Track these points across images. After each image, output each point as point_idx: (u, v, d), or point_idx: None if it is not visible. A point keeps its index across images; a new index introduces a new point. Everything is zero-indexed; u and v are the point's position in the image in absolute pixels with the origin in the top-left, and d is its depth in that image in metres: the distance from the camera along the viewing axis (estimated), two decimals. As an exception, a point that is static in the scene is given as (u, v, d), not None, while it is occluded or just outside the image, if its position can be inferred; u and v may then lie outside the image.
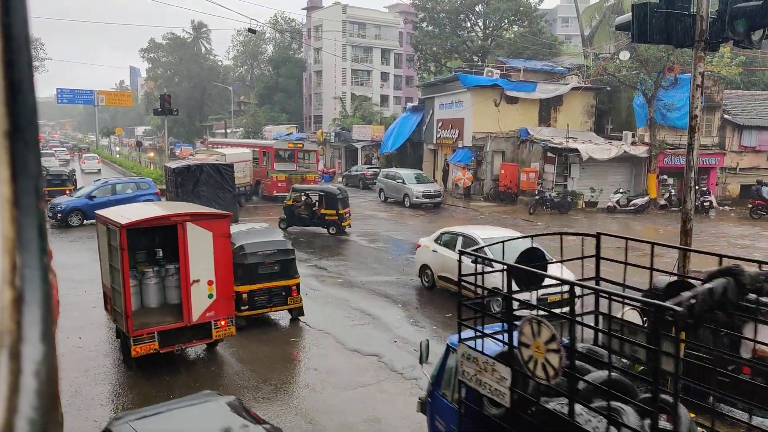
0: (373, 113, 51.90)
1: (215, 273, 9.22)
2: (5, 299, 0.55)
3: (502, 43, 45.10)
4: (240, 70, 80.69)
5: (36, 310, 0.57)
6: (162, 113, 30.44)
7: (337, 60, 64.52)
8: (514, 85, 30.76)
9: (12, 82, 0.56)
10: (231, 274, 9.53)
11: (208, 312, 9.19)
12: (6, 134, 0.56)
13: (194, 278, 9.05)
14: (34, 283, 0.58)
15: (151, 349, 8.79)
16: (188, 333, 9.12)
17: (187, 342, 9.19)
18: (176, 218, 9.19)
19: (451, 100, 33.07)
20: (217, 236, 9.25)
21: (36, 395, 0.55)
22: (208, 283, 9.18)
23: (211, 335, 9.29)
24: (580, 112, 31.89)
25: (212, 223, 9.35)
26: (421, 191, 27.23)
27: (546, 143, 27.51)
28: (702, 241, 18.35)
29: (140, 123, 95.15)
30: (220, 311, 9.29)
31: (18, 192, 0.57)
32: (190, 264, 9.05)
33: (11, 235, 0.56)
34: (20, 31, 0.58)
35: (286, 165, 29.02)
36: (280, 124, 62.11)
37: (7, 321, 0.55)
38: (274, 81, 68.54)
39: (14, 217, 0.56)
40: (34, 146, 0.59)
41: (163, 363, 9.25)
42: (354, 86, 65.30)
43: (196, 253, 9.08)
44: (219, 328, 9.30)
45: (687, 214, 7.61)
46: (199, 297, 9.12)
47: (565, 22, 77.71)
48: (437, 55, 47.67)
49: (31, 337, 0.56)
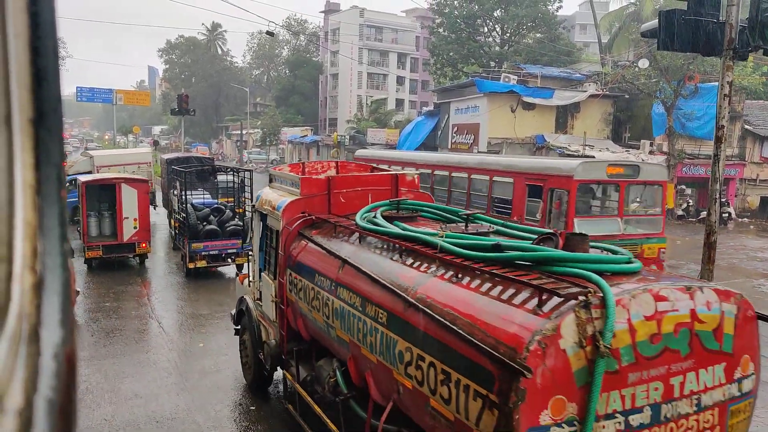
0: (388, 114, 51.89)
1: (138, 214, 15.02)
2: (26, 284, 0.56)
3: (519, 50, 44.89)
4: (256, 72, 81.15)
5: (56, 295, 0.58)
6: (179, 113, 30.66)
7: (354, 63, 64.63)
8: (531, 92, 30.57)
9: (38, 70, 0.56)
10: (149, 215, 15.74)
11: (133, 236, 15.07)
12: (31, 121, 0.56)
13: (125, 216, 14.92)
14: (55, 269, 0.58)
15: (97, 255, 14.89)
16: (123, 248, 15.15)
17: (120, 254, 15.27)
18: (115, 180, 15.48)
19: (467, 105, 32.95)
20: (140, 193, 15.16)
21: (55, 377, 0.56)
22: (133, 220, 15.01)
23: (135, 251, 15.33)
24: (598, 119, 31.62)
25: (137, 185, 15.36)
26: (435, 196, 27.11)
27: (562, 150, 27.27)
28: (720, 253, 17.99)
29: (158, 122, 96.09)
30: (141, 237, 15.15)
31: (41, 179, 0.57)
32: (123, 208, 14.88)
33: (33, 221, 0.56)
34: (47, 18, 0.58)
35: None
36: (296, 126, 62.37)
37: (27, 305, 0.55)
38: (290, 83, 68.80)
39: (36, 204, 0.56)
40: (57, 134, 0.59)
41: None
42: (370, 89, 65.35)
43: (127, 201, 14.84)
44: (140, 248, 15.24)
45: (711, 226, 7.43)
46: (128, 227, 14.98)
47: (583, 28, 77.08)
48: (454, 60, 47.54)
49: (51, 321, 0.57)
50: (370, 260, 5.22)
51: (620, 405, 3.57)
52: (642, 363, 3.61)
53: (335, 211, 6.86)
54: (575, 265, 3.88)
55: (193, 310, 11.85)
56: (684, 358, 3.77)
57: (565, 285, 3.67)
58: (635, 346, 3.57)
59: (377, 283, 4.77)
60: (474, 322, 3.76)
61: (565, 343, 3.38)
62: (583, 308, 3.42)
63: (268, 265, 7.43)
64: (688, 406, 3.84)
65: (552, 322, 3.38)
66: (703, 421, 3.93)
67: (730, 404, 4.06)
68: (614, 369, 3.49)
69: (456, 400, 3.78)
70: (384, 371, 4.68)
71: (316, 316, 5.93)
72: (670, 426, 3.80)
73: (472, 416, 3.62)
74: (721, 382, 3.98)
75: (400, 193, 7.12)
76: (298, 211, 6.75)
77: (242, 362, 8.44)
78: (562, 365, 3.38)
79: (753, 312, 4.13)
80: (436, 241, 4.78)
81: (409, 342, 4.31)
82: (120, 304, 12.22)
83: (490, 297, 3.89)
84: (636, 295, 3.60)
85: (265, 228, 7.61)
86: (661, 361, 3.69)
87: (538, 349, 3.32)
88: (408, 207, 6.44)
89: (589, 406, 3.40)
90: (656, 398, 3.69)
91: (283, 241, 6.65)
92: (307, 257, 6.27)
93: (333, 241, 5.97)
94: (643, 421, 3.66)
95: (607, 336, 3.36)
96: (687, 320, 3.78)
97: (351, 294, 5.21)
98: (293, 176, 7.55)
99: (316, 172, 8.64)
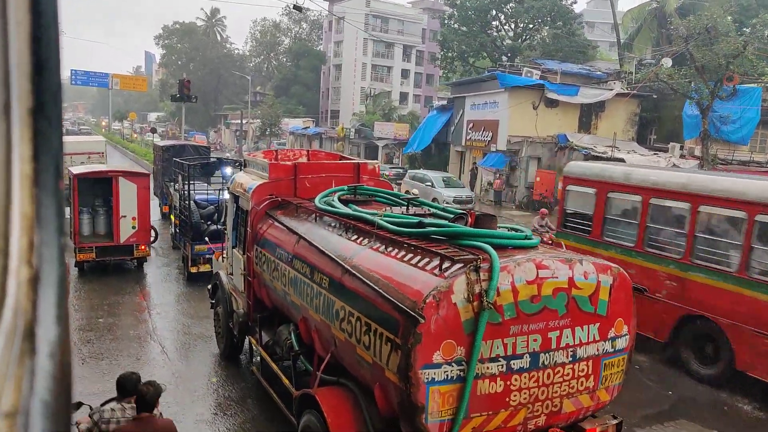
0: (392, 109, 50.10)
1: (137, 212, 13.23)
2: (22, 278, 0.54)
3: (533, 45, 43.19)
4: (256, 60, 78.95)
5: (52, 290, 0.56)
6: (180, 99, 28.80)
7: (358, 54, 62.78)
8: (557, 88, 28.88)
9: (38, 59, 0.55)
10: (149, 213, 13.75)
11: (131, 237, 13.26)
12: (30, 111, 0.55)
13: (122, 214, 13.11)
14: (52, 262, 0.56)
15: (89, 257, 13.02)
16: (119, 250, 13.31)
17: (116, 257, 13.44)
18: (112, 173, 13.53)
19: (484, 101, 31.23)
20: (140, 188, 13.31)
21: (51, 378, 0.54)
22: (132, 219, 13.17)
23: (133, 254, 13.43)
24: (624, 120, 29.99)
25: (137, 179, 13.45)
26: (452, 196, 25.40)
27: (588, 151, 25.66)
28: None
29: (154, 109, 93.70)
30: (140, 238, 13.32)
31: (39, 170, 0.55)
32: (120, 205, 13.10)
33: (30, 213, 0.55)
34: (49, 6, 0.56)
35: None
36: (297, 117, 60.43)
37: (22, 300, 0.54)
38: (292, 73, 66.83)
39: (34, 195, 0.55)
40: (57, 124, 0.57)
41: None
42: (373, 82, 63.54)
43: (125, 198, 13.06)
44: (139, 250, 13.40)
45: None
46: (126, 227, 13.17)
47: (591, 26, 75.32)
48: (464, 53, 45.78)
49: (47, 318, 0.55)
50: (320, 235, 5.90)
51: (503, 351, 4.32)
52: (523, 318, 4.35)
53: (301, 195, 7.44)
54: (479, 239, 4.59)
55: (202, 329, 10.14)
56: (561, 317, 4.51)
57: (464, 254, 4.36)
58: (517, 304, 4.31)
59: (323, 254, 5.47)
60: (391, 282, 4.49)
61: (456, 297, 4.11)
62: (474, 271, 4.15)
63: (239, 242, 8.08)
64: (564, 356, 4.58)
65: (447, 281, 4.13)
66: (578, 370, 4.68)
67: (603, 358, 4.81)
68: (498, 321, 4.24)
69: (374, 345, 4.50)
70: (325, 328, 5.40)
71: (277, 285, 6.62)
72: (548, 372, 4.53)
73: (383, 357, 4.37)
74: (595, 339, 4.71)
75: (361, 180, 7.71)
76: (266, 193, 7.36)
77: (216, 333, 9.25)
78: (452, 315, 4.10)
79: (628, 283, 4.90)
80: (375, 219, 5.47)
81: (343, 302, 5.02)
82: (115, 320, 10.51)
83: (407, 263, 4.63)
84: (521, 263, 4.38)
85: (237, 208, 8.24)
86: (540, 318, 4.42)
87: (433, 302, 4.04)
88: (365, 192, 7.21)
89: (473, 349, 4.12)
90: (535, 348, 4.43)
91: (252, 220, 7.28)
92: (271, 234, 6.92)
93: (294, 220, 6.65)
94: (522, 365, 4.40)
95: (490, 293, 4.11)
96: (564, 286, 4.52)
97: (303, 264, 5.88)
98: (264, 162, 7.97)
99: (288, 159, 9.11)
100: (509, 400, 4.38)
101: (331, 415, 4.90)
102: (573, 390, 4.67)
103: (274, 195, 7.33)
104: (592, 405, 4.88)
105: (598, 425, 5.02)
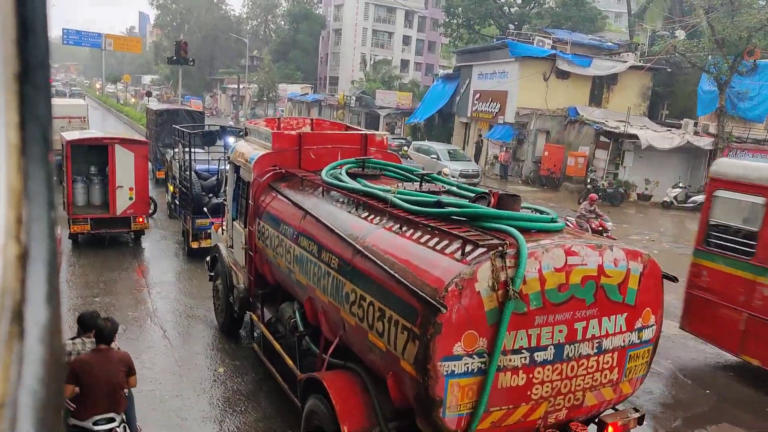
0: (393, 77, 48.80)
1: (135, 182, 12.36)
2: (9, 255, 0.50)
3: (542, 12, 41.78)
4: (253, 23, 76.67)
5: (42, 268, 0.53)
6: (176, 62, 27.68)
7: (359, 19, 61.00)
8: (570, 58, 27.84)
9: (24, 20, 0.51)
10: (147, 183, 13.00)
11: (128, 209, 12.44)
12: (16, 76, 0.52)
13: (119, 184, 12.23)
14: (41, 238, 0.53)
15: (84, 229, 12.28)
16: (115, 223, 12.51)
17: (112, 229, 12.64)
18: (107, 140, 12.57)
19: (493, 70, 30.19)
20: (138, 156, 12.40)
21: (41, 364, 0.50)
22: (129, 189, 12.31)
23: (130, 226, 12.60)
24: (636, 94, 29.07)
25: (134, 147, 12.56)
26: (458, 170, 24.61)
27: (600, 126, 24.86)
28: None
29: (148, 71, 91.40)
30: (138, 210, 12.49)
31: (26, 139, 0.52)
32: (117, 175, 12.21)
33: (18, 186, 0.51)
34: None
35: None
36: (294, 83, 58.92)
37: (10, 279, 0.50)
38: (291, 37, 64.93)
39: (21, 166, 0.52)
40: (45, 90, 0.54)
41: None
42: (374, 48, 61.91)
43: (122, 167, 12.17)
44: (136, 223, 12.58)
45: None
46: (122, 198, 12.31)
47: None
48: (470, 20, 44.33)
49: (36, 297, 0.52)
50: (328, 212, 5.62)
51: (526, 342, 4.11)
52: (549, 308, 4.13)
53: (305, 166, 7.06)
54: (502, 222, 4.32)
55: (204, 311, 9.49)
56: (588, 306, 4.29)
57: (488, 238, 4.11)
58: (544, 293, 4.08)
59: (332, 233, 5.15)
60: (408, 267, 4.24)
61: (479, 286, 3.88)
62: (499, 257, 3.90)
63: (239, 215, 7.75)
64: (589, 348, 4.37)
65: (470, 268, 3.88)
66: (603, 363, 4.47)
67: (629, 349, 4.58)
68: (523, 311, 4.03)
69: (388, 333, 4.27)
70: (333, 310, 5.13)
71: (280, 262, 6.33)
72: (572, 364, 4.32)
73: (398, 346, 4.15)
74: (622, 329, 4.49)
75: (369, 152, 7.32)
76: (269, 164, 6.99)
77: (215, 306, 9.00)
78: (475, 305, 3.89)
79: (658, 271, 4.62)
80: (388, 197, 5.11)
81: (354, 284, 4.75)
82: (112, 299, 9.84)
83: (426, 246, 4.34)
84: (549, 249, 4.11)
85: (238, 179, 7.84)
86: (567, 307, 4.20)
87: (455, 290, 3.83)
88: (373, 165, 6.77)
89: (497, 341, 3.93)
90: (560, 339, 4.22)
91: (254, 192, 6.95)
92: (274, 208, 6.61)
93: (298, 194, 6.31)
94: (546, 357, 4.20)
95: (516, 282, 3.88)
96: (594, 274, 4.26)
97: (310, 242, 5.59)
98: (266, 131, 7.60)
99: (291, 128, 8.66)
100: (531, 393, 4.20)
101: (339, 401, 4.70)
102: (596, 383, 4.49)
103: (277, 166, 6.98)
104: (615, 398, 4.68)
105: (619, 418, 4.77)
